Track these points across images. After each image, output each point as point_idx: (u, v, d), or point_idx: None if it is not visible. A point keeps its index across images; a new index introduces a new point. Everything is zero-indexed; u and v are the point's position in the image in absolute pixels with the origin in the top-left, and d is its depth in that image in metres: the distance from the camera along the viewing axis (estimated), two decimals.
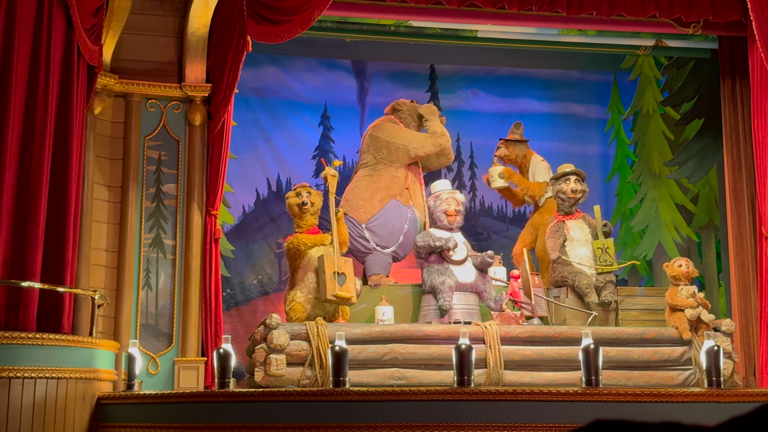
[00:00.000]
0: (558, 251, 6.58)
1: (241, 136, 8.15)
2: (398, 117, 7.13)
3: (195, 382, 6.30)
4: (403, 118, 7.12)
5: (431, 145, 6.90)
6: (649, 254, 8.74)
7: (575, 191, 6.73)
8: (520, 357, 5.79)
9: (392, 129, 7.00)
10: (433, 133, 6.93)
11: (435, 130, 6.94)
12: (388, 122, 7.10)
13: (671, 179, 8.79)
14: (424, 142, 6.91)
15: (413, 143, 6.88)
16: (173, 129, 6.70)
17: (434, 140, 6.91)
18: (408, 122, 7.11)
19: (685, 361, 6.02)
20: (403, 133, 6.98)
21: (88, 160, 6.21)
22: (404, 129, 7.03)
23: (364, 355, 5.60)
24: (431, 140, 6.91)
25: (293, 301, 6.02)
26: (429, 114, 7.05)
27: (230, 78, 6.48)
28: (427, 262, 6.35)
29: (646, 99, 8.98)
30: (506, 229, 8.92)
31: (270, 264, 8.47)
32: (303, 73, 8.78)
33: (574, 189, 6.73)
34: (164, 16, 6.74)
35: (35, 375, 4.97)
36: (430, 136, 6.93)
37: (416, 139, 6.92)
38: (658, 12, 6.93)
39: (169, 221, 6.56)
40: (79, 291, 5.79)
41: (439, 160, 7.24)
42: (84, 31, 5.76)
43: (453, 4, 6.86)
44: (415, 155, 6.89)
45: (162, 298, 6.45)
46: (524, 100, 9.13)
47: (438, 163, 7.28)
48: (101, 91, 6.41)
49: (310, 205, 6.13)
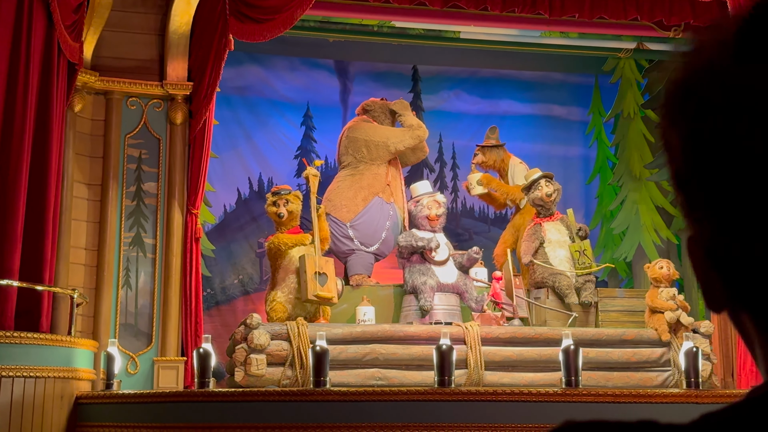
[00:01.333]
0: (530, 255, 6.60)
1: (222, 135, 8.11)
2: (371, 116, 7.14)
3: (174, 382, 6.26)
4: (375, 117, 7.13)
5: (410, 138, 6.92)
6: (629, 256, 8.79)
7: (549, 195, 6.74)
8: (500, 358, 5.80)
9: (368, 128, 7.01)
10: (410, 126, 6.96)
11: (411, 123, 6.98)
12: (362, 122, 7.11)
13: (652, 182, 8.85)
14: (403, 135, 6.93)
15: (392, 138, 6.90)
16: (154, 127, 6.66)
17: (412, 133, 6.93)
18: (381, 119, 7.13)
19: (664, 362, 6.06)
20: (380, 130, 7.00)
21: (67, 158, 6.16)
22: (380, 126, 7.06)
23: (345, 355, 5.59)
24: (409, 133, 6.94)
25: (274, 301, 6.01)
26: (401, 109, 7.07)
27: (212, 76, 6.45)
28: (408, 262, 6.36)
29: (627, 102, 9.03)
30: (488, 230, 8.94)
31: (251, 264, 8.44)
32: (285, 72, 8.76)
33: (548, 193, 6.74)
34: (146, 13, 6.70)
35: (13, 374, 4.92)
36: (407, 129, 6.96)
37: (394, 134, 6.94)
38: (639, 15, 6.98)
39: (150, 220, 6.52)
40: (58, 290, 5.74)
41: (415, 154, 7.26)
42: (64, 27, 5.72)
43: (436, 5, 6.87)
44: (395, 150, 6.90)
45: (142, 297, 6.41)
46: (506, 102, 9.16)
47: (414, 157, 7.31)
48: (81, 89, 6.36)
49: (287, 214, 6.13)
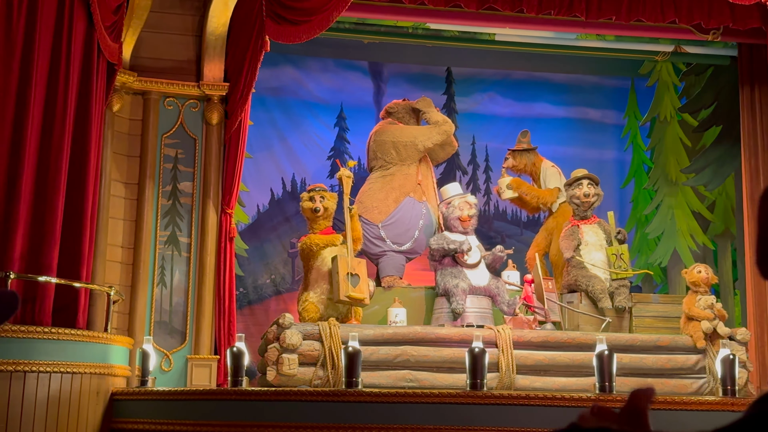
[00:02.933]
0: (572, 251, 6.57)
1: (256, 136, 8.17)
2: (395, 118, 7.14)
3: (207, 380, 6.32)
4: (400, 118, 7.13)
5: (437, 134, 6.90)
6: (664, 261, 8.69)
7: (587, 195, 6.71)
8: (532, 362, 5.77)
9: (395, 129, 7.01)
10: (435, 123, 6.94)
11: (436, 119, 6.95)
12: (387, 125, 7.11)
13: (688, 186, 8.74)
14: (430, 132, 6.91)
15: (419, 137, 6.89)
16: (190, 127, 6.73)
17: (439, 128, 6.91)
18: (406, 120, 7.12)
19: (699, 369, 5.99)
20: (407, 129, 6.99)
21: (106, 157, 6.25)
22: (406, 126, 7.05)
23: (376, 356, 5.60)
24: (436, 129, 6.92)
25: (306, 301, 6.04)
26: (425, 106, 7.05)
27: (248, 77, 6.50)
28: (440, 265, 6.35)
29: (663, 105, 8.94)
30: (520, 233, 8.90)
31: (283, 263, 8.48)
32: (320, 73, 8.80)
33: (586, 193, 6.71)
34: (183, 14, 6.77)
35: (50, 369, 5.00)
36: (434, 126, 6.94)
37: (421, 132, 6.93)
38: (677, 18, 6.90)
39: (185, 219, 6.59)
40: (95, 287, 5.82)
41: (444, 150, 7.24)
42: (104, 28, 5.80)
43: (471, 7, 6.85)
44: (423, 148, 6.89)
45: (176, 295, 6.48)
46: (540, 105, 9.11)
47: (444, 153, 7.28)
48: (120, 89, 6.44)
49: (323, 210, 6.15)
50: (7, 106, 5.28)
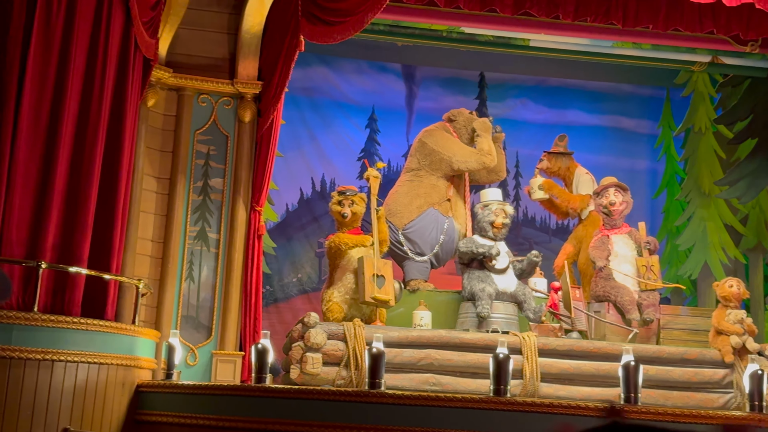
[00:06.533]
0: (605, 260, 6.51)
1: (288, 135, 8.21)
2: (453, 126, 7.05)
3: (232, 376, 6.36)
4: (457, 129, 7.04)
5: (475, 161, 6.82)
6: (695, 274, 8.59)
7: (613, 203, 6.65)
8: (557, 370, 5.73)
9: (441, 138, 6.93)
10: (479, 150, 6.84)
11: (482, 147, 6.85)
12: (440, 130, 7.02)
13: (721, 199, 8.63)
14: (469, 157, 6.83)
15: (458, 156, 6.81)
16: (223, 124, 6.78)
17: (478, 157, 6.82)
18: (462, 133, 7.02)
19: (727, 384, 5.91)
20: (451, 144, 6.90)
21: (139, 151, 6.32)
22: (453, 140, 6.94)
23: (400, 359, 5.60)
24: (476, 156, 6.83)
25: (330, 300, 6.04)
26: (481, 130, 6.94)
27: (281, 76, 6.53)
28: (468, 268, 6.32)
29: (698, 116, 8.84)
30: (548, 240, 8.85)
31: (310, 263, 8.52)
32: (353, 74, 8.83)
33: (612, 201, 6.65)
34: (220, 12, 6.83)
35: (78, 359, 5.06)
36: (477, 152, 6.84)
37: (462, 153, 6.84)
38: (715, 28, 6.82)
39: (215, 215, 6.64)
40: (125, 279, 5.88)
41: (489, 176, 7.17)
42: (142, 24, 5.86)
43: (507, 11, 6.82)
44: (457, 168, 6.82)
45: (204, 290, 6.53)
46: (573, 112, 9.06)
47: (488, 178, 7.20)
48: (155, 84, 6.51)
49: (351, 215, 6.17)
50: (44, 99, 5.36)
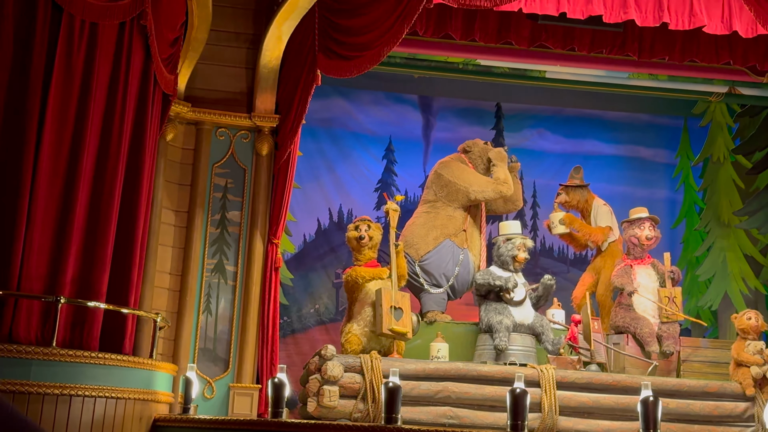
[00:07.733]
0: (633, 286, 6.44)
1: (305, 166, 8.27)
2: (468, 157, 7.07)
3: (249, 409, 6.35)
4: (473, 159, 7.05)
5: (492, 191, 6.83)
6: (715, 305, 8.51)
7: (649, 238, 6.60)
8: (575, 403, 5.68)
9: (457, 169, 6.95)
10: (496, 179, 6.86)
11: (499, 176, 6.87)
12: (456, 161, 7.05)
13: (741, 229, 8.57)
14: (486, 186, 6.84)
15: (474, 186, 6.83)
16: (241, 157, 6.85)
17: (495, 186, 6.83)
18: (477, 164, 7.03)
19: (748, 417, 5.83)
20: (467, 174, 6.92)
21: (158, 185, 6.38)
22: (469, 170, 6.96)
23: (417, 391, 5.58)
24: (492, 186, 6.84)
25: (349, 333, 6.04)
26: (497, 159, 6.95)
27: (298, 110, 6.59)
28: (485, 300, 6.30)
29: (717, 146, 8.81)
30: (566, 270, 8.81)
31: (327, 293, 8.53)
32: (370, 106, 8.89)
33: (648, 236, 6.60)
34: (238, 47, 6.93)
35: (95, 394, 5.07)
36: (493, 181, 6.85)
37: (478, 183, 6.86)
38: (732, 59, 6.82)
39: (232, 248, 6.68)
40: (143, 313, 5.91)
41: (505, 206, 7.17)
42: (161, 60, 5.94)
43: (522, 44, 6.86)
44: (474, 198, 6.83)
45: (221, 323, 6.55)
46: (590, 142, 9.06)
47: (504, 208, 7.20)
48: (174, 119, 6.59)
49: (368, 239, 6.15)
50: (64, 134, 5.43)
